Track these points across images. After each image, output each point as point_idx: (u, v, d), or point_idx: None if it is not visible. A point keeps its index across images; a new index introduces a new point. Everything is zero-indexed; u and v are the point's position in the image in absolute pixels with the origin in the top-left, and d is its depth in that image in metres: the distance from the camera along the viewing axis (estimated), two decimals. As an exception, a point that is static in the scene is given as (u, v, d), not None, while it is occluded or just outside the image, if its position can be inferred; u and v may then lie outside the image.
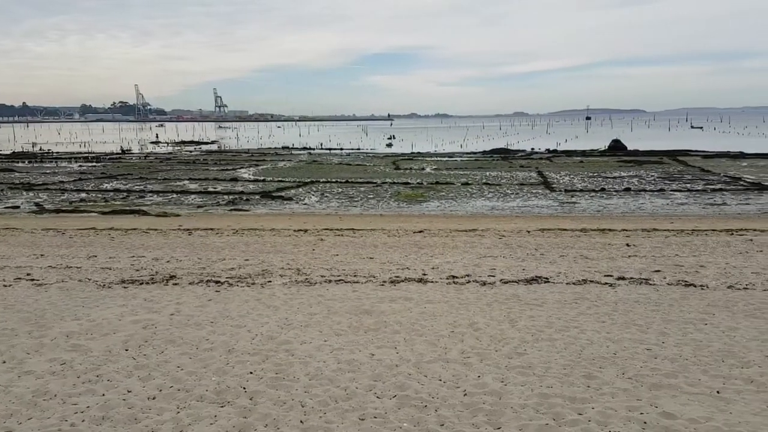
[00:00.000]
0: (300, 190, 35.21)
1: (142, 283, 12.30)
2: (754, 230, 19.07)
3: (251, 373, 7.42)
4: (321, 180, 39.49)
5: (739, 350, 8.07)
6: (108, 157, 64.74)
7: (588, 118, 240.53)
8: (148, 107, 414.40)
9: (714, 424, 6.01)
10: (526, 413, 6.31)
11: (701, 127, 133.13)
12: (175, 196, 33.23)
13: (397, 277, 12.73)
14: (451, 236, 18.43)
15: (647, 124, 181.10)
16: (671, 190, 32.82)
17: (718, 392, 6.75)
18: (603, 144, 69.50)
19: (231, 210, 28.36)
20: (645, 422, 6.07)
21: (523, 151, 67.16)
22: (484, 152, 65.52)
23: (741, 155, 54.34)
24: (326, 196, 32.54)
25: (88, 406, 6.51)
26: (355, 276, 12.86)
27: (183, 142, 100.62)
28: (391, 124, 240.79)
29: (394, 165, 50.68)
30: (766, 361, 7.65)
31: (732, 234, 18.33)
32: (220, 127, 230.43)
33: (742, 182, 35.59)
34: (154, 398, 6.72)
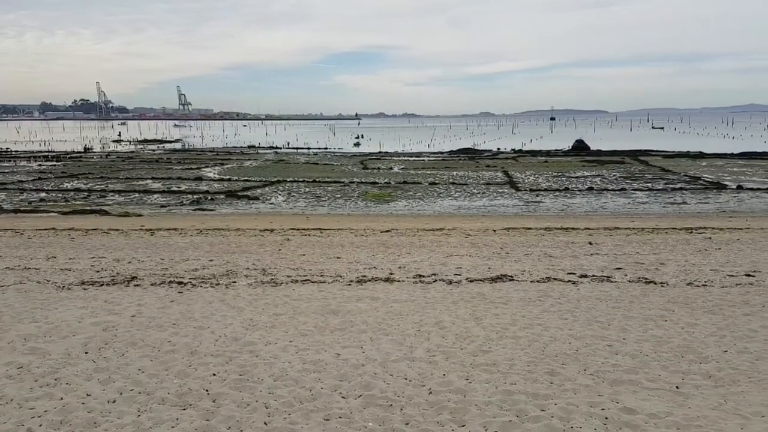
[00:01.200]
0: (266, 189, 34.92)
1: (102, 285, 12.05)
2: (713, 228, 19.55)
3: (214, 374, 7.31)
4: (288, 179, 39.23)
5: (697, 346, 8.25)
6: (69, 155, 63.30)
7: (552, 119, 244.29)
8: (110, 105, 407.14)
9: (673, 419, 6.13)
10: (490, 410, 6.35)
11: (662, 128, 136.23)
12: (137, 195, 32.64)
13: (364, 276, 12.70)
14: (417, 235, 18.48)
15: (610, 125, 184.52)
16: (633, 190, 33.46)
17: (677, 387, 6.89)
18: (567, 144, 70.57)
19: (195, 210, 27.96)
20: (606, 417, 6.16)
21: (490, 151, 67.76)
22: (451, 152, 65.94)
23: (700, 155, 55.69)
24: (293, 196, 32.33)
25: (45, 411, 6.34)
26: (321, 276, 12.79)
27: (146, 141, 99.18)
28: (359, 124, 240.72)
29: (362, 164, 50.64)
30: (724, 357, 7.84)
31: (691, 232, 18.76)
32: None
33: (701, 182, 36.46)
34: (114, 402, 6.58)
